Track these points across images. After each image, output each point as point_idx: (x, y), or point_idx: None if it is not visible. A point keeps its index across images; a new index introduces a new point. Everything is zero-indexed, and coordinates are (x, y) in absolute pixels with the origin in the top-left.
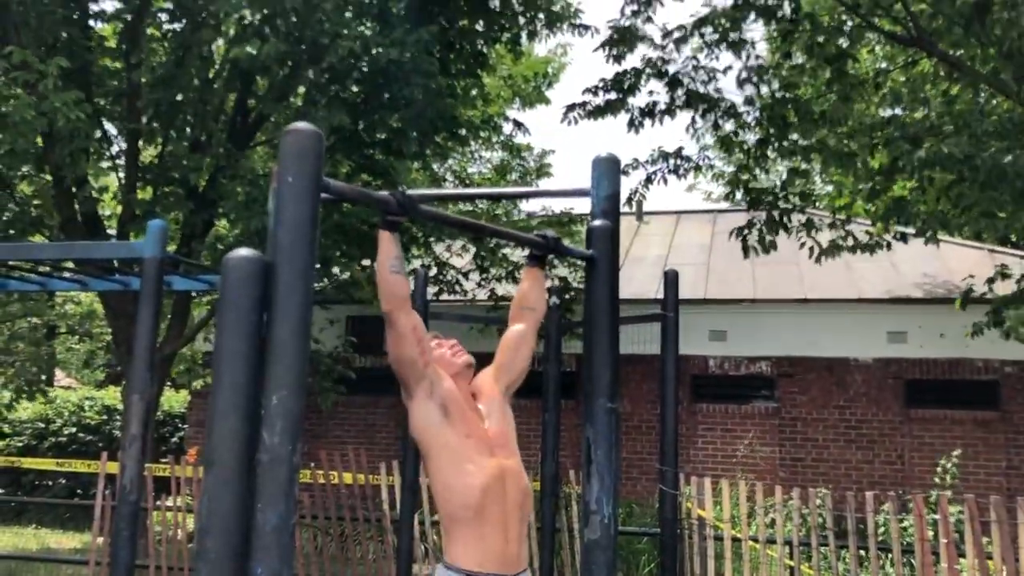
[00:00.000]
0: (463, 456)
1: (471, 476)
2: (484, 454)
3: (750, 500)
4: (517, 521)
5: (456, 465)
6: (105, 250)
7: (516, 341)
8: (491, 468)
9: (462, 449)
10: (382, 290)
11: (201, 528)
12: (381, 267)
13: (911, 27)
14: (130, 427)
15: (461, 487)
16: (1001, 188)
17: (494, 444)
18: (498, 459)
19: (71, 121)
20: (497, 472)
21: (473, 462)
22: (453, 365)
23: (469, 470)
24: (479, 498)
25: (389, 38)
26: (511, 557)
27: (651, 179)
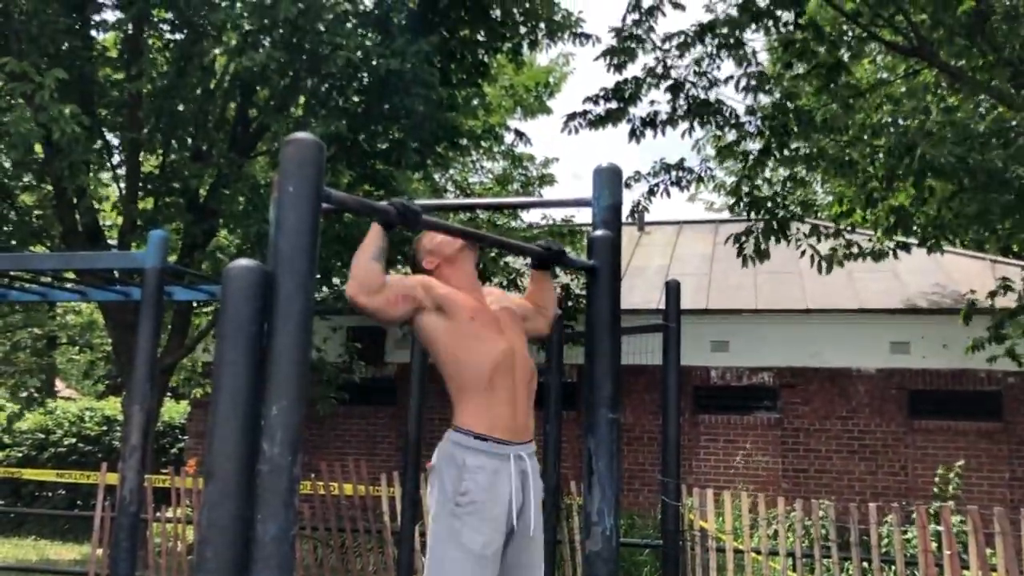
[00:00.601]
0: (470, 334)
1: (480, 352)
2: (492, 331)
3: (752, 512)
4: (525, 396)
5: (464, 341)
6: (106, 260)
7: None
8: (500, 344)
9: (468, 328)
10: (355, 275)
11: (201, 539)
12: (363, 252)
13: (912, 37)
14: (130, 438)
15: (471, 361)
16: (1002, 193)
17: (502, 324)
18: (507, 337)
19: (67, 133)
20: (506, 348)
21: (480, 338)
22: (454, 244)
23: (477, 346)
24: (489, 370)
25: (390, 48)
26: (519, 427)
27: (654, 191)
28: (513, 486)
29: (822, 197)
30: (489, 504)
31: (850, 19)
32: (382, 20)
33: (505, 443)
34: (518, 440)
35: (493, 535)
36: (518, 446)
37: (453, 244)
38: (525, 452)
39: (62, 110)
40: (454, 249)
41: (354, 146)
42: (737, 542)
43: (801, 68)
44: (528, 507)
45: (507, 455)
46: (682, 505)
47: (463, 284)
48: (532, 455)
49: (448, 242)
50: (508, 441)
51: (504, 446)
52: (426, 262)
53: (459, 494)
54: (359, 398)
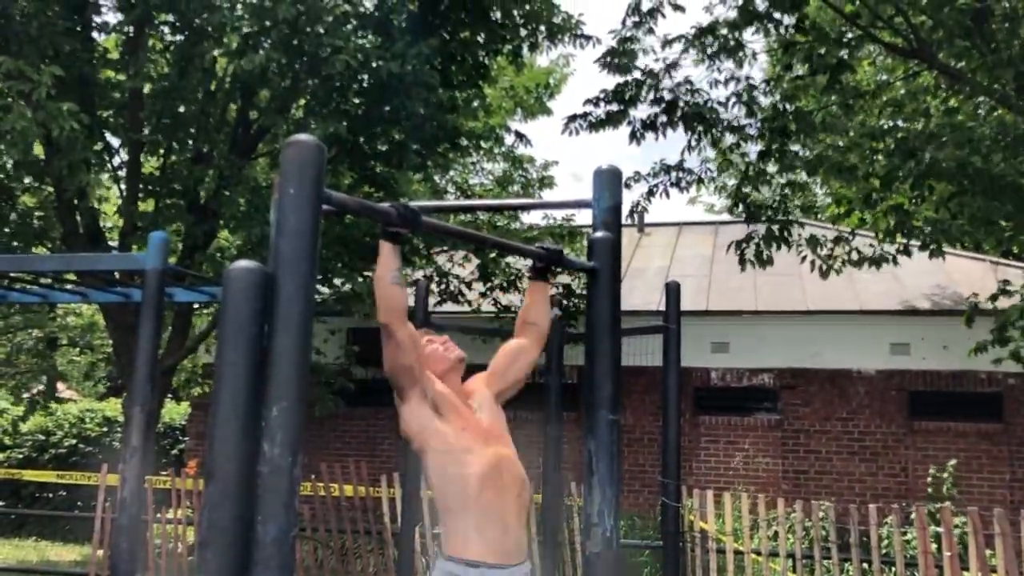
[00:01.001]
0: (459, 447)
1: (468, 465)
2: (480, 443)
3: (752, 513)
4: (515, 511)
5: (452, 455)
6: (107, 262)
7: (513, 352)
8: (488, 456)
9: (457, 440)
10: (381, 302)
11: (202, 540)
12: (381, 279)
13: (912, 39)
14: (131, 439)
15: (458, 477)
16: (1002, 198)
17: (489, 434)
18: (494, 448)
19: (66, 131)
20: (494, 460)
21: (469, 452)
22: (445, 360)
23: (466, 460)
24: (476, 487)
25: (390, 51)
26: (511, 547)
27: (653, 192)
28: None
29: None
30: None
31: (849, 21)
32: (382, 22)
33: (497, 567)
34: (510, 563)
35: None
36: (511, 569)
37: (442, 361)
38: (519, 574)
39: (60, 107)
40: (442, 367)
41: (355, 148)
42: (737, 543)
43: (801, 70)
44: None
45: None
46: (682, 506)
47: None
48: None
49: (437, 358)
50: (500, 565)
51: (497, 571)
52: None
53: None
54: (359, 399)
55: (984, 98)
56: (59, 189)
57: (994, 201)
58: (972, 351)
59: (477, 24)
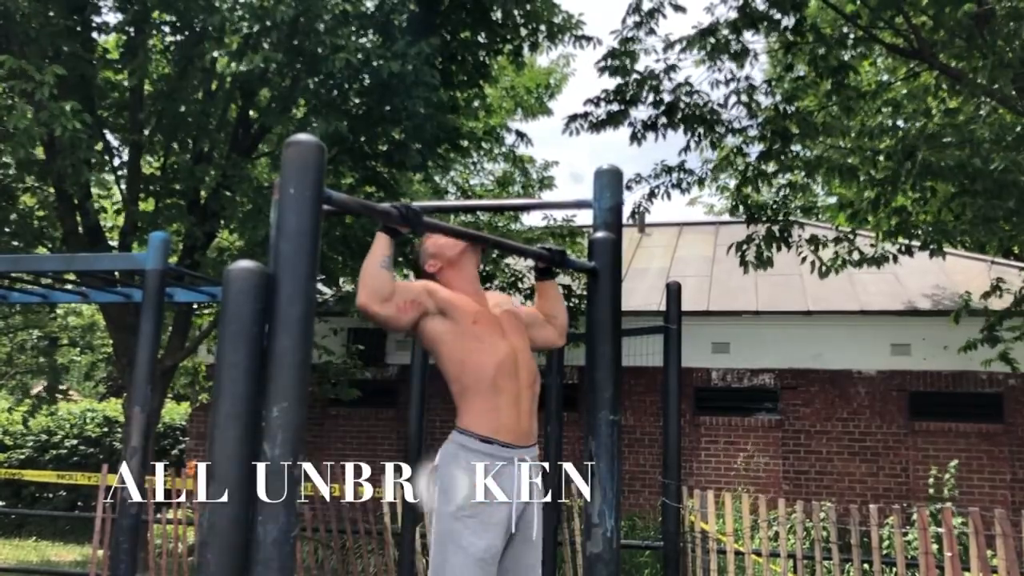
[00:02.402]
0: (473, 337)
1: (483, 353)
2: (495, 335)
3: (753, 513)
4: (529, 399)
5: (467, 344)
6: (107, 262)
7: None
8: (503, 347)
9: (471, 331)
10: (365, 283)
11: (202, 541)
12: (371, 261)
13: (912, 40)
14: (131, 439)
15: (474, 364)
16: (1003, 197)
17: (505, 327)
18: (509, 340)
19: (69, 131)
20: (509, 351)
21: (484, 341)
22: (458, 244)
23: (481, 348)
24: (492, 373)
25: (390, 50)
26: (523, 430)
27: (655, 193)
28: (516, 489)
29: (823, 199)
30: (492, 507)
31: (850, 21)
32: (383, 22)
33: (509, 446)
34: (522, 444)
35: (494, 539)
36: (522, 449)
37: (455, 247)
38: (529, 455)
39: (63, 107)
40: (456, 252)
41: (355, 148)
42: (738, 544)
43: (802, 71)
44: (531, 511)
45: (511, 458)
46: (683, 507)
47: (466, 287)
48: (536, 458)
49: (450, 244)
50: (512, 444)
51: (508, 449)
52: (429, 265)
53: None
54: (360, 400)
55: (985, 99)
56: (60, 189)
57: (995, 200)
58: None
59: (477, 24)
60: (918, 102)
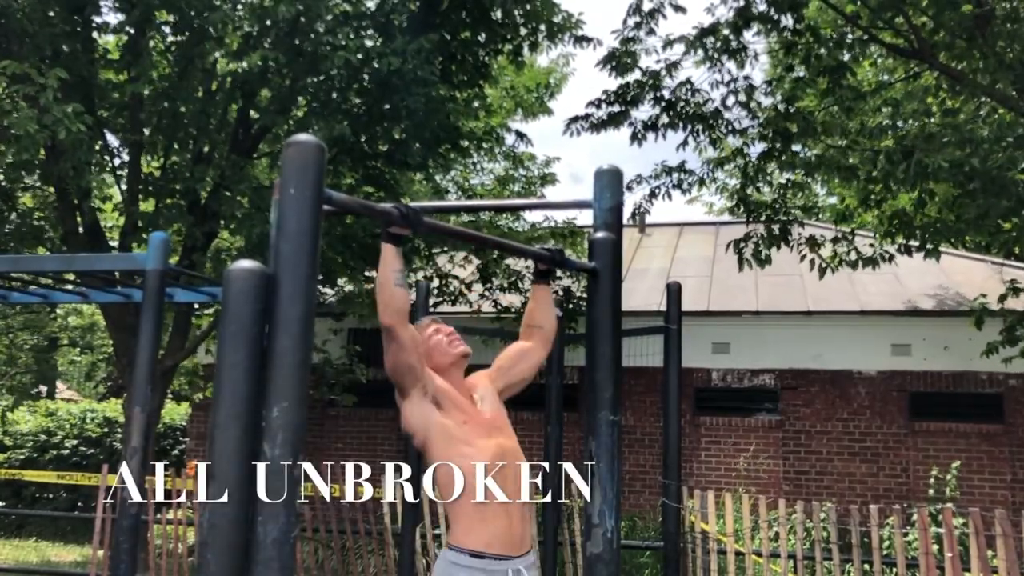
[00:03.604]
0: (462, 440)
1: (471, 457)
2: (482, 436)
3: (753, 513)
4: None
5: (455, 448)
6: (107, 262)
7: (518, 353)
8: (491, 448)
9: (460, 434)
10: (384, 303)
11: (202, 541)
12: (385, 280)
13: (912, 40)
14: (131, 439)
15: (463, 469)
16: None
17: (491, 426)
18: (497, 439)
19: (72, 133)
20: (497, 451)
21: (472, 445)
22: (448, 355)
23: (469, 452)
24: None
25: (390, 48)
26: (516, 538)
27: (655, 194)
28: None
29: (823, 199)
30: None
31: (850, 21)
32: (382, 22)
33: (502, 558)
34: (516, 553)
35: None
36: (516, 560)
37: (446, 356)
38: (523, 565)
39: (66, 110)
40: (445, 361)
41: (355, 147)
42: (738, 544)
43: (802, 71)
44: None
45: (505, 571)
46: (683, 507)
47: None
48: (531, 567)
49: (441, 351)
50: (505, 556)
51: (501, 562)
52: None
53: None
54: (360, 400)
55: (985, 99)
56: (60, 189)
57: (995, 199)
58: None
59: (477, 24)
60: (918, 102)
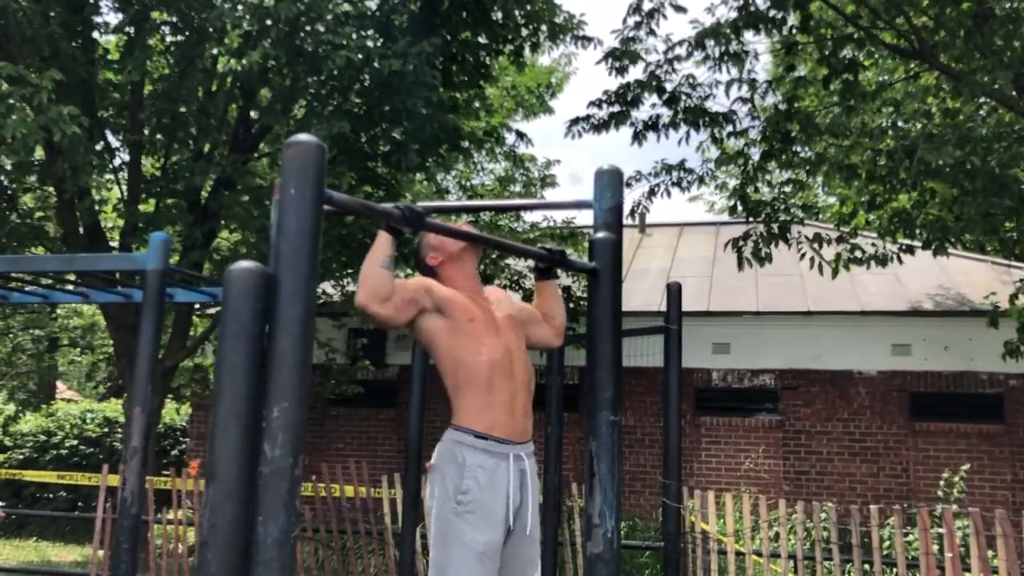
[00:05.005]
0: (468, 335)
1: (478, 353)
2: (491, 334)
3: (754, 514)
4: (524, 397)
5: (462, 342)
6: (107, 262)
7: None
8: (498, 346)
9: (467, 330)
10: (365, 282)
11: (202, 541)
12: (372, 260)
13: (913, 40)
14: (131, 440)
15: (469, 362)
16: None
17: (501, 325)
18: (505, 338)
19: (67, 135)
20: (504, 349)
21: (479, 340)
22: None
23: (475, 347)
24: (487, 372)
25: (391, 49)
26: (519, 427)
27: (655, 191)
28: (512, 485)
29: (823, 199)
30: (489, 503)
31: (850, 22)
32: (383, 23)
33: (505, 442)
34: (517, 440)
35: (493, 534)
36: (517, 446)
37: (457, 242)
38: (524, 452)
39: (61, 111)
40: (459, 247)
41: (355, 148)
42: (738, 544)
43: (803, 71)
44: (526, 507)
45: (507, 454)
46: (683, 507)
47: (464, 283)
48: (531, 455)
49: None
50: (507, 440)
51: (504, 445)
52: (430, 258)
53: (460, 492)
54: (360, 400)
55: (985, 99)
56: (59, 190)
57: (995, 198)
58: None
59: (478, 24)
60: (918, 102)
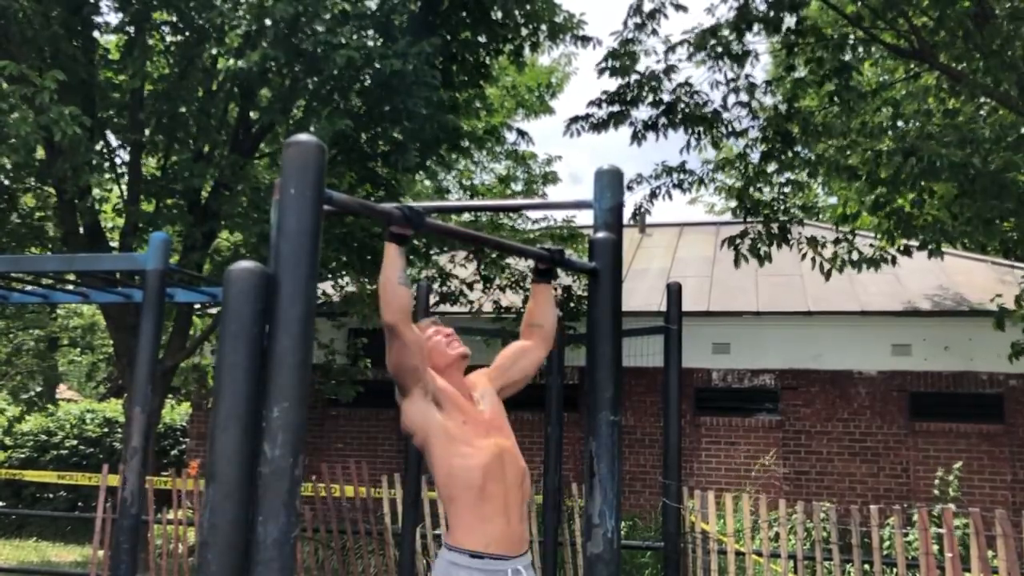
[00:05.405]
0: (461, 440)
1: (470, 458)
2: (481, 436)
3: (754, 514)
4: (518, 501)
5: (455, 448)
6: (107, 262)
7: (516, 351)
8: (489, 448)
9: (459, 434)
10: (388, 302)
11: (202, 541)
12: (388, 279)
13: (913, 40)
14: (131, 440)
15: (461, 469)
16: (1003, 197)
17: (490, 426)
18: (495, 439)
19: (68, 135)
20: (495, 451)
21: (471, 444)
22: (447, 356)
23: (468, 452)
24: (479, 478)
25: (391, 49)
26: (514, 537)
27: (656, 194)
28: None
29: (823, 199)
30: None
31: (851, 22)
32: (383, 23)
33: (501, 558)
34: (514, 553)
35: None
36: (514, 560)
37: (444, 357)
38: (522, 565)
39: (62, 111)
40: (444, 362)
41: (355, 147)
42: (738, 544)
43: (804, 71)
44: None
45: (504, 571)
46: (683, 507)
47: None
48: (529, 568)
49: (439, 352)
50: (504, 556)
51: (500, 562)
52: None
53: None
54: (360, 400)
55: (985, 99)
56: (60, 190)
57: (995, 200)
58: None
59: (478, 24)
60: (918, 102)
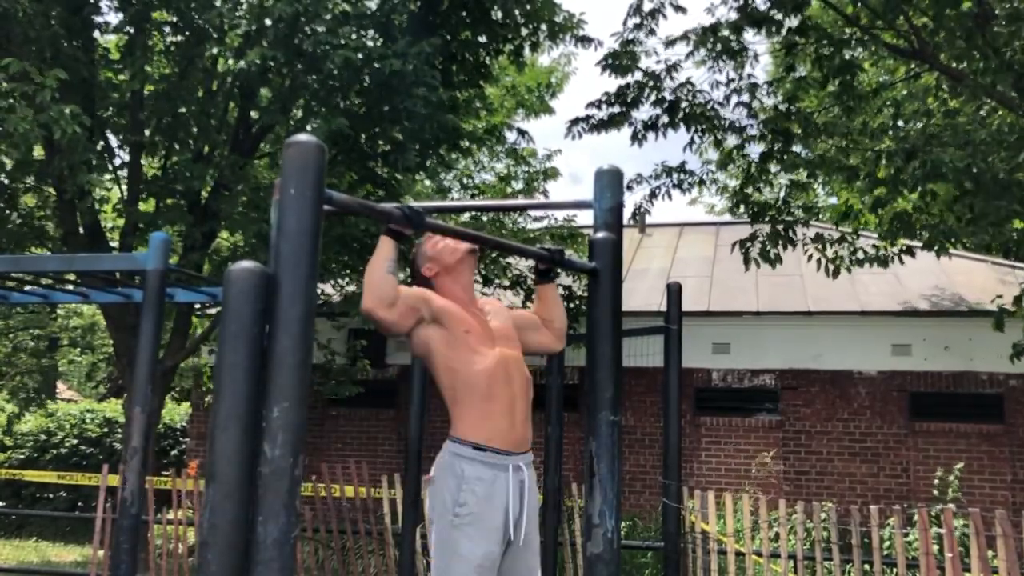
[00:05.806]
0: (465, 346)
1: (474, 363)
2: (486, 344)
3: (754, 514)
4: (523, 406)
5: (459, 354)
6: (107, 262)
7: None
8: (494, 355)
9: (463, 340)
10: (371, 287)
11: (202, 541)
12: (377, 265)
13: (913, 40)
14: (131, 440)
15: (466, 373)
16: (1007, 197)
17: (496, 336)
18: (500, 348)
19: (68, 134)
20: (500, 358)
21: (475, 351)
22: (457, 251)
23: (471, 358)
24: (484, 381)
25: (391, 49)
26: (518, 437)
27: (656, 194)
28: (511, 497)
29: (824, 199)
30: (487, 515)
31: (851, 22)
32: (383, 23)
33: (504, 453)
34: (516, 450)
35: (491, 546)
36: (516, 456)
37: (454, 253)
38: (523, 462)
39: (62, 110)
40: (454, 258)
41: (355, 147)
42: (738, 544)
43: (804, 71)
44: (525, 517)
45: (506, 465)
46: (683, 507)
47: (460, 295)
48: (530, 465)
49: (448, 250)
50: (506, 451)
51: (503, 456)
52: (426, 268)
53: (458, 505)
54: (360, 400)
55: (985, 99)
56: (60, 189)
57: (996, 201)
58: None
59: (478, 24)
60: (919, 103)
